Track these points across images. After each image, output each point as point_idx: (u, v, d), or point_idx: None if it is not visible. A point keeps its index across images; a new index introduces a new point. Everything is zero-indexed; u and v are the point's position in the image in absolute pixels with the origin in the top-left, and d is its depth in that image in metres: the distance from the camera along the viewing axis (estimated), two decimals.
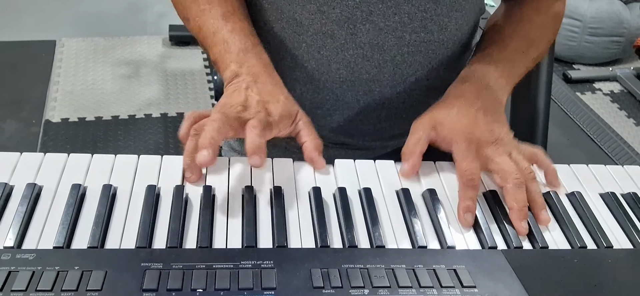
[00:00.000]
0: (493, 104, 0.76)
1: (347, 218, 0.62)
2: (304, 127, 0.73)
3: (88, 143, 2.11)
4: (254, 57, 0.74)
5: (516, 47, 0.85)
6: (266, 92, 0.71)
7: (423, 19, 0.80)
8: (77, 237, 0.57)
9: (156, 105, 2.32)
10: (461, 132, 0.71)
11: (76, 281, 0.50)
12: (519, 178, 0.67)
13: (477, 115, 0.73)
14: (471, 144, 0.70)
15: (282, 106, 0.71)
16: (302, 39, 0.82)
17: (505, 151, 0.70)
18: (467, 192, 0.66)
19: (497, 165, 0.69)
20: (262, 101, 0.69)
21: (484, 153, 0.70)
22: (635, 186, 0.74)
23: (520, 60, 0.84)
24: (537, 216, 0.66)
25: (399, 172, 0.70)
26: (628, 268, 0.60)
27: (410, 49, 0.82)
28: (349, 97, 0.86)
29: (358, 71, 0.83)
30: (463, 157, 0.69)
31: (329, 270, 0.54)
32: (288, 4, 0.80)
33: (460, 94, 0.77)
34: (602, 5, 2.67)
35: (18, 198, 0.60)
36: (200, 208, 0.61)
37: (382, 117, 0.89)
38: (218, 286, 0.51)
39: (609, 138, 2.36)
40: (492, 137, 0.71)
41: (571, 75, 2.69)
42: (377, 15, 0.78)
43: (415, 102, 0.88)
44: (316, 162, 0.70)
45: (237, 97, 0.69)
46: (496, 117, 0.74)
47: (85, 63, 2.52)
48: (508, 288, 0.55)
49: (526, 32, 0.86)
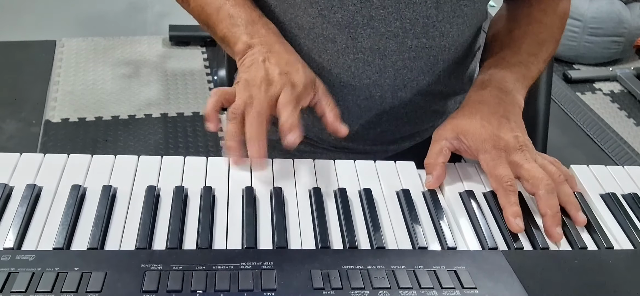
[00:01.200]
0: (513, 109, 0.76)
1: (348, 219, 0.62)
2: (323, 97, 0.73)
3: (88, 144, 2.10)
4: (263, 28, 0.75)
5: (528, 49, 0.85)
6: (284, 62, 0.71)
7: (425, 24, 0.79)
8: (77, 238, 0.57)
9: (156, 105, 2.32)
10: (488, 140, 0.70)
11: (76, 282, 0.50)
12: (550, 184, 0.67)
13: (501, 121, 0.72)
14: (500, 151, 0.70)
15: (303, 75, 0.71)
16: (304, 42, 0.82)
17: (532, 157, 0.70)
18: (510, 197, 0.65)
19: (527, 172, 0.68)
20: (283, 73, 0.69)
21: (512, 159, 0.69)
22: (635, 186, 0.74)
23: (532, 62, 0.84)
24: (575, 218, 0.66)
25: (425, 183, 0.70)
26: (628, 269, 0.60)
27: (411, 54, 0.82)
28: (350, 102, 0.86)
29: (359, 76, 0.83)
30: (495, 164, 0.69)
31: (329, 271, 0.54)
32: (289, 8, 0.80)
33: (480, 100, 0.76)
34: (602, 5, 2.67)
35: (18, 199, 0.59)
36: (200, 209, 0.61)
37: (383, 121, 0.89)
38: (218, 287, 0.51)
39: (609, 138, 2.36)
40: (518, 143, 0.70)
41: (571, 75, 2.68)
42: (378, 20, 0.78)
43: (416, 107, 0.88)
44: (340, 130, 0.71)
45: (258, 71, 0.69)
46: (518, 123, 0.74)
47: (85, 63, 2.52)
48: (508, 289, 0.55)
49: (536, 33, 0.86)
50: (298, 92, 0.69)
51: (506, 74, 0.80)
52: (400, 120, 0.89)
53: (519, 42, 0.85)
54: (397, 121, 0.89)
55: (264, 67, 0.70)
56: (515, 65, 0.82)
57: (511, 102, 0.77)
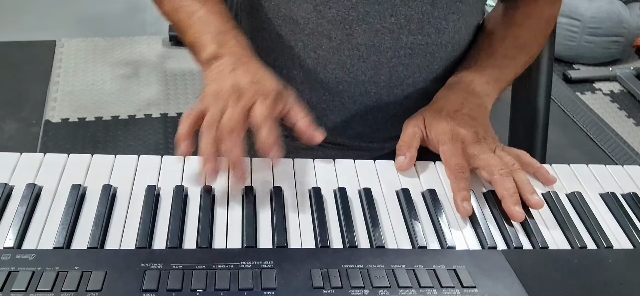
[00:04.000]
0: (478, 110, 0.78)
1: (347, 218, 0.62)
2: (293, 105, 0.70)
3: (88, 144, 2.10)
4: (233, 39, 0.73)
5: (504, 52, 0.86)
6: (253, 72, 0.69)
7: (420, 21, 0.80)
8: (77, 237, 0.57)
9: (156, 105, 2.31)
10: (447, 133, 0.73)
11: (76, 281, 0.50)
12: (504, 168, 0.68)
13: (464, 118, 0.75)
14: (456, 142, 0.72)
15: (274, 84, 0.69)
16: (299, 38, 0.82)
17: (489, 148, 0.72)
18: (460, 183, 0.67)
19: (482, 160, 0.70)
20: (253, 82, 0.67)
21: (469, 151, 0.71)
22: (635, 186, 0.74)
23: (508, 65, 0.85)
24: (528, 200, 0.66)
25: (396, 165, 0.71)
26: (628, 269, 0.60)
27: (407, 51, 0.82)
28: (345, 98, 0.86)
29: (354, 72, 0.83)
30: (451, 155, 0.71)
31: (329, 270, 0.54)
32: (285, 3, 0.80)
33: (446, 100, 0.79)
34: (602, 5, 2.67)
35: (18, 199, 0.60)
36: (200, 208, 0.61)
37: (379, 118, 0.89)
38: (218, 286, 0.51)
39: (609, 138, 2.36)
40: (476, 137, 0.72)
41: (571, 75, 2.68)
42: (373, 16, 0.78)
43: (412, 105, 0.88)
44: (315, 137, 0.68)
45: (225, 81, 0.67)
46: (481, 121, 0.76)
47: (85, 63, 2.52)
48: (508, 288, 0.55)
49: (516, 37, 0.87)
50: (270, 102, 0.66)
51: (476, 77, 0.82)
52: (397, 117, 0.89)
53: (496, 44, 0.87)
54: (394, 118, 0.89)
55: (232, 77, 0.68)
56: (488, 67, 0.84)
57: (477, 103, 0.78)
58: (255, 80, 0.68)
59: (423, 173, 0.71)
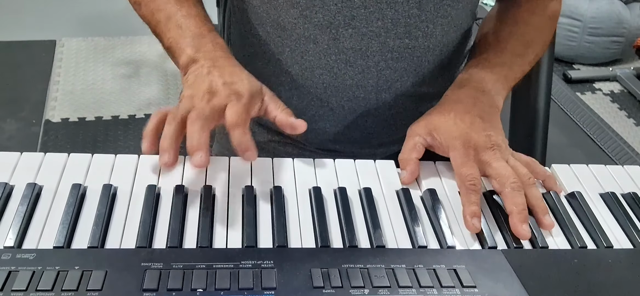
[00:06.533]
0: (490, 110, 0.76)
1: (347, 218, 0.62)
2: (270, 101, 0.71)
3: (88, 143, 2.10)
4: (210, 43, 0.73)
5: (513, 50, 0.84)
6: (228, 73, 0.69)
7: (407, 24, 0.79)
8: (77, 237, 0.57)
9: (156, 105, 2.32)
10: (458, 138, 0.70)
11: (76, 281, 0.50)
12: (516, 181, 0.66)
13: (474, 120, 0.72)
14: (469, 149, 0.69)
15: (248, 83, 0.69)
16: (286, 43, 0.81)
17: (502, 156, 0.70)
18: (471, 196, 0.65)
19: (495, 170, 0.68)
20: (227, 83, 0.68)
21: (482, 158, 0.69)
22: (635, 186, 0.74)
23: (516, 63, 0.84)
24: (541, 221, 0.65)
25: (400, 179, 0.70)
26: (628, 268, 0.60)
27: (394, 55, 0.81)
28: (333, 103, 0.85)
29: (341, 77, 0.82)
30: (462, 162, 0.69)
31: (329, 270, 0.54)
32: (272, 8, 0.80)
33: (456, 99, 0.77)
34: (602, 5, 2.67)
35: (18, 198, 0.60)
36: (200, 208, 0.61)
37: (369, 124, 0.88)
38: (218, 286, 0.51)
39: (609, 138, 2.36)
40: (489, 142, 0.70)
41: (571, 75, 2.69)
42: (360, 20, 0.78)
43: (402, 110, 0.87)
44: (298, 125, 0.68)
45: (201, 84, 0.68)
46: (493, 123, 0.74)
47: (86, 63, 2.52)
48: (508, 288, 0.55)
49: (522, 34, 0.86)
50: (244, 102, 0.66)
51: (486, 75, 0.80)
52: (386, 122, 0.88)
53: (504, 42, 0.85)
54: (383, 123, 0.88)
55: (208, 79, 0.68)
56: (497, 65, 0.82)
57: (488, 103, 0.77)
58: (229, 81, 0.68)
59: (423, 173, 0.71)
